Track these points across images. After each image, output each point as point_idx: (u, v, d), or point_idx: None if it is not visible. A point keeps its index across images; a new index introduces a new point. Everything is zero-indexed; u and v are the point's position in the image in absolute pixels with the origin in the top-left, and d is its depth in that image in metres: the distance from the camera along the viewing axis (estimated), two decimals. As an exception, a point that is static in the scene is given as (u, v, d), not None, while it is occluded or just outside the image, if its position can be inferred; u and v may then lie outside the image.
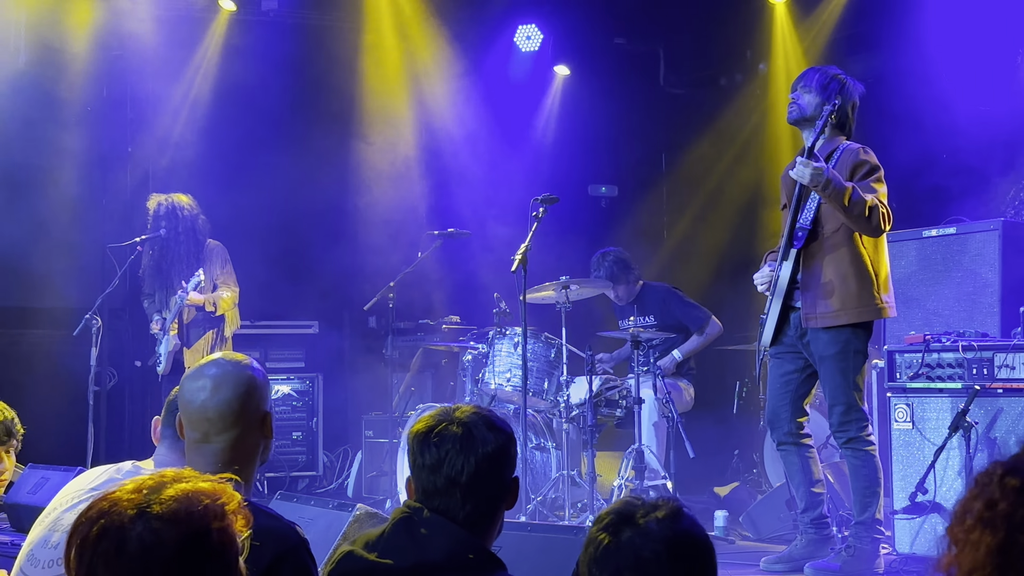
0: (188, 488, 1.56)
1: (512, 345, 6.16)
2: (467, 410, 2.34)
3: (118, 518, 1.51)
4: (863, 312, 4.72)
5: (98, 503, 1.55)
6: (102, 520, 1.52)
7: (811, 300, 4.78)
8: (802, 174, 4.65)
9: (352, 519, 4.03)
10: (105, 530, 1.50)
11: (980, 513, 1.41)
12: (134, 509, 1.51)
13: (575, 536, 3.41)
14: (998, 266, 5.18)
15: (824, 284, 4.74)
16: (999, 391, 4.77)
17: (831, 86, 4.87)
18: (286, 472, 7.97)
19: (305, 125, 8.77)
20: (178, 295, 6.77)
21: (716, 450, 7.48)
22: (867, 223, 4.64)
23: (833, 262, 4.74)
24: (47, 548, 2.70)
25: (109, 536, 1.50)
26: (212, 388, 2.41)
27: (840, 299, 4.71)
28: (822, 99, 4.85)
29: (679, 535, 1.73)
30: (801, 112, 4.90)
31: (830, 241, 4.76)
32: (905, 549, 4.95)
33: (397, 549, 2.22)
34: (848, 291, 4.71)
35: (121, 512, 1.52)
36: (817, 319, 4.75)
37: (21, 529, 6.04)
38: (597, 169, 9.49)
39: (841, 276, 4.72)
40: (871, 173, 4.74)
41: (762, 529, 5.87)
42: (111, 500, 1.54)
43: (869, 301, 4.72)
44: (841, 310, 4.71)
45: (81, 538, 1.51)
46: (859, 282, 4.71)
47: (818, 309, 4.75)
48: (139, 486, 1.56)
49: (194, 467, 2.35)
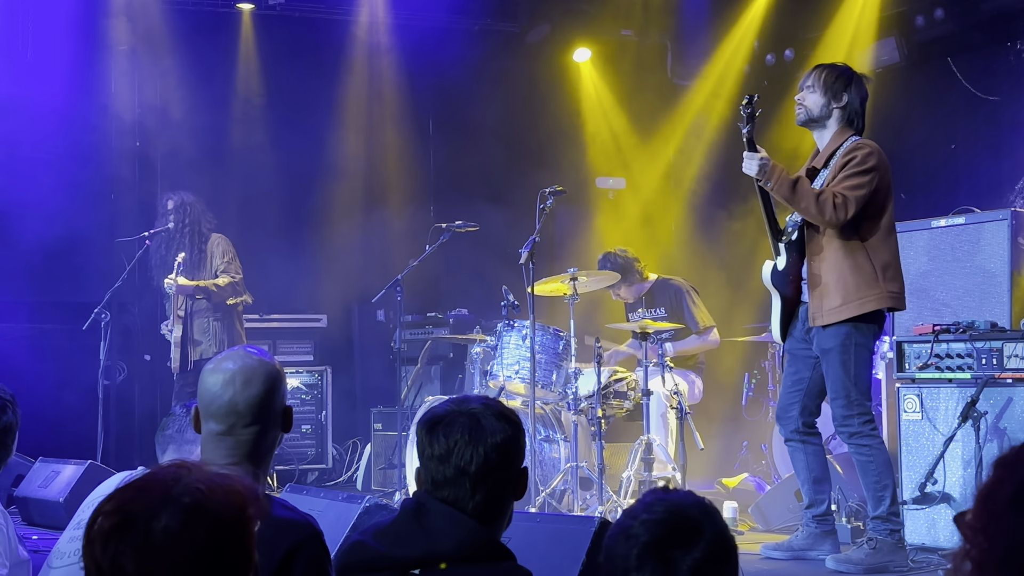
0: (212, 479, 1.56)
1: (520, 337, 6.16)
2: (476, 401, 2.34)
3: (144, 508, 1.51)
4: (864, 303, 4.67)
5: (122, 493, 1.55)
6: (128, 509, 1.51)
7: (817, 298, 4.76)
8: (749, 167, 4.67)
9: (362, 511, 4.04)
10: (132, 520, 1.50)
11: (1010, 497, 1.38)
12: (160, 499, 1.51)
13: (584, 527, 3.41)
14: (1007, 256, 5.16)
15: (826, 281, 4.72)
16: (1009, 381, 4.76)
17: (837, 84, 4.80)
18: (295, 465, 7.99)
19: (316, 120, 8.77)
20: (167, 283, 6.80)
21: (725, 442, 7.48)
22: (818, 215, 4.60)
23: (832, 258, 4.72)
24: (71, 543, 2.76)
25: (136, 526, 1.49)
26: (243, 382, 2.42)
27: (841, 294, 4.68)
28: (828, 98, 4.80)
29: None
30: (808, 114, 4.84)
31: (827, 237, 4.73)
32: (915, 539, 4.94)
33: (406, 539, 2.22)
34: (847, 285, 4.67)
35: (147, 502, 1.51)
36: (823, 315, 4.73)
37: (32, 523, 6.07)
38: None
39: (839, 271, 4.69)
40: (854, 166, 4.66)
41: (771, 520, 5.88)
42: (135, 490, 1.54)
43: (869, 292, 4.66)
44: (843, 305, 4.68)
45: (107, 527, 1.50)
46: (856, 275, 4.66)
47: (824, 306, 4.72)
48: (163, 477, 1.55)
49: (211, 459, 2.37)
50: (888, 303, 4.72)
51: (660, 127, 9.47)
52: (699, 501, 1.78)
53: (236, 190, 8.41)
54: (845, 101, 4.79)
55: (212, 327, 6.99)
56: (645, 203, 9.45)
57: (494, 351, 6.32)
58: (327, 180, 8.71)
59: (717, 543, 1.73)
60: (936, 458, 4.79)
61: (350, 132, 8.85)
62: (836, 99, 4.79)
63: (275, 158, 8.53)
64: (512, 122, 9.05)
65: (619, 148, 9.46)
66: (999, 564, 1.36)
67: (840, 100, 4.79)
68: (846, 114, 4.80)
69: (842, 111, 4.80)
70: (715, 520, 1.76)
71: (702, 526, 1.73)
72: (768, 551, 4.97)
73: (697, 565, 1.70)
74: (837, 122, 4.82)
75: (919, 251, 5.62)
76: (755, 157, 4.63)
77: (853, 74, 4.87)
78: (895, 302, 4.76)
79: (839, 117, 4.81)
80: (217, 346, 6.88)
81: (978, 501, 1.42)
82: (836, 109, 4.79)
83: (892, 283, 4.72)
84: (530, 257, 5.57)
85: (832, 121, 4.82)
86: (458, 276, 8.54)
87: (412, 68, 8.97)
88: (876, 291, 4.67)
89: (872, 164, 4.66)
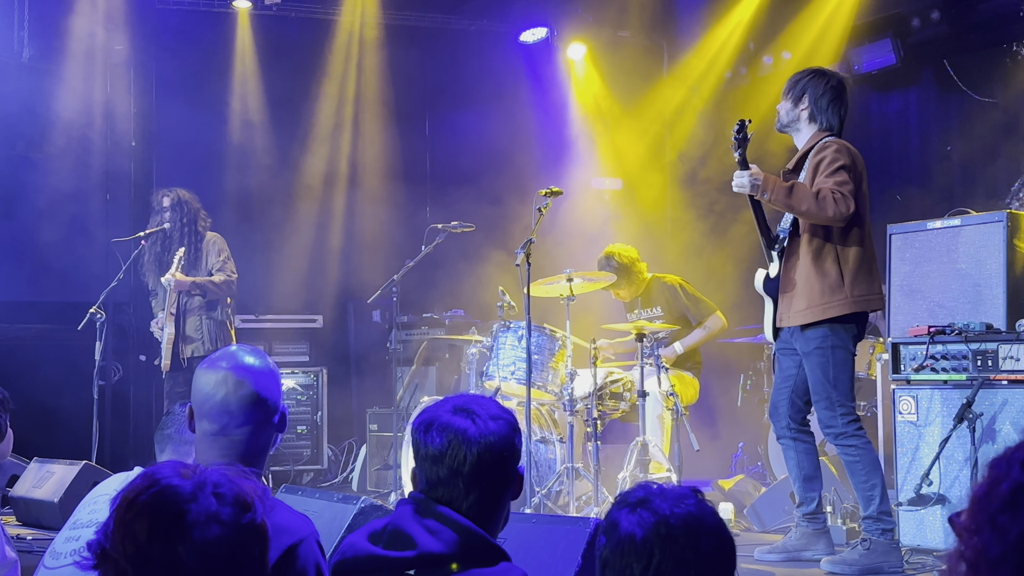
0: (236, 479, 1.56)
1: (516, 338, 6.16)
2: (471, 401, 2.34)
3: (175, 492, 1.50)
4: (828, 308, 4.72)
5: (144, 482, 1.54)
6: (159, 493, 1.50)
7: (786, 300, 4.85)
8: (740, 185, 4.72)
9: (357, 512, 4.03)
10: (163, 502, 1.49)
11: (1005, 498, 1.38)
12: (189, 486, 1.51)
13: (580, 528, 3.40)
14: (1003, 258, 5.16)
15: (792, 284, 4.82)
16: (1004, 382, 4.77)
17: (797, 88, 4.92)
18: (291, 466, 7.99)
19: (312, 120, 8.77)
20: (165, 278, 6.79)
21: (721, 443, 7.48)
22: (821, 213, 4.65)
23: (800, 262, 4.80)
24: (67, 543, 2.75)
25: (167, 508, 1.49)
26: (236, 382, 2.42)
27: (806, 298, 4.76)
28: (792, 103, 4.93)
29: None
30: (780, 121, 5.00)
31: (798, 241, 4.81)
32: (910, 541, 4.94)
33: (401, 540, 2.22)
34: (812, 290, 4.74)
35: (176, 487, 1.51)
36: (790, 317, 4.82)
37: (27, 523, 6.06)
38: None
39: (804, 275, 4.77)
40: (828, 165, 4.72)
41: (767, 521, 5.88)
42: (156, 479, 1.53)
43: (832, 298, 4.72)
44: (807, 308, 4.76)
45: (137, 509, 1.49)
46: (822, 279, 4.72)
47: (791, 309, 4.82)
48: (180, 469, 1.55)
49: (205, 459, 2.37)
50: (855, 307, 4.75)
51: (657, 128, 9.48)
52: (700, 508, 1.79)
53: (232, 190, 8.40)
54: (806, 103, 4.90)
55: (204, 325, 6.96)
56: (641, 205, 9.45)
57: (490, 352, 6.31)
58: (322, 180, 8.70)
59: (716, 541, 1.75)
60: (931, 460, 4.79)
61: (346, 133, 8.84)
62: (798, 102, 4.92)
63: (271, 158, 8.52)
64: (508, 123, 9.05)
65: (616, 149, 9.46)
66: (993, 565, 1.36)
67: (802, 103, 4.91)
68: (810, 114, 4.90)
69: (806, 112, 4.90)
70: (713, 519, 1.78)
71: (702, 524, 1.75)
72: (763, 555, 4.98)
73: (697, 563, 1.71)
74: (807, 124, 4.92)
75: (915, 253, 5.62)
76: (745, 175, 4.71)
77: (813, 74, 4.95)
78: (864, 305, 4.79)
79: (806, 119, 4.92)
80: (210, 344, 6.86)
81: (973, 502, 1.42)
82: (802, 112, 4.91)
83: (861, 285, 4.75)
84: (526, 258, 5.57)
85: (802, 124, 4.93)
86: (454, 277, 8.54)
87: (408, 68, 8.97)
88: (839, 297, 4.72)
89: (842, 162, 4.72)
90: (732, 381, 7.89)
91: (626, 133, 9.41)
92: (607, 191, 9.58)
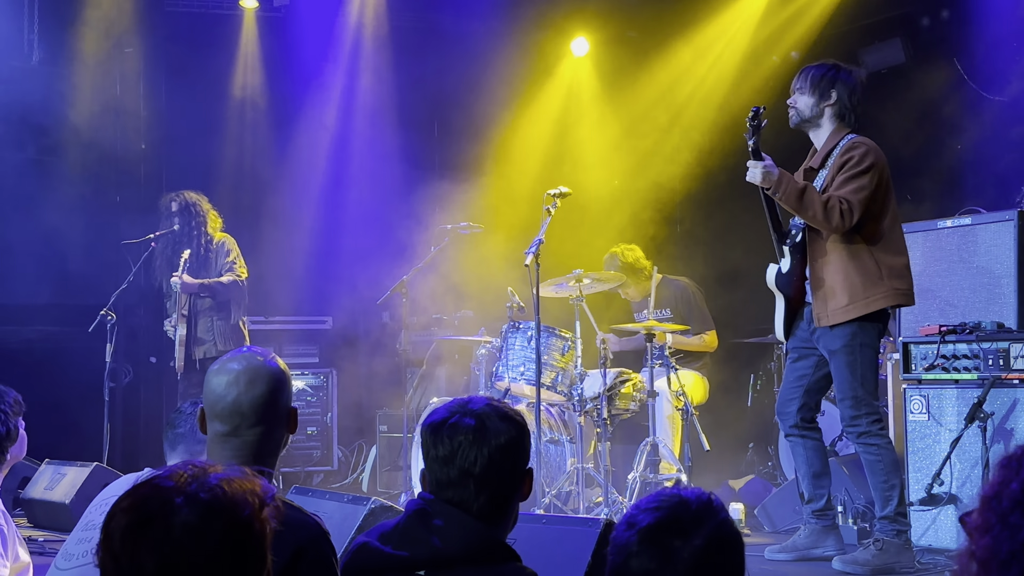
0: (230, 478, 1.56)
1: (526, 339, 6.16)
2: (480, 402, 2.34)
3: (165, 503, 1.51)
4: (871, 302, 4.67)
5: (141, 489, 1.55)
6: (147, 506, 1.51)
7: (821, 299, 4.76)
8: (753, 175, 4.67)
9: (367, 513, 4.04)
10: (151, 515, 1.50)
11: (1015, 497, 1.38)
12: (180, 495, 1.52)
13: (590, 529, 3.40)
14: (1014, 256, 5.15)
15: (830, 282, 4.73)
16: (1015, 382, 4.75)
17: (823, 82, 4.81)
18: (301, 467, 8.00)
19: (320, 122, 8.78)
20: (172, 281, 6.80)
21: (731, 443, 7.46)
22: (825, 222, 4.62)
23: (836, 259, 4.73)
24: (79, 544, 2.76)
25: (155, 522, 1.49)
26: (247, 383, 2.42)
27: (848, 294, 4.69)
28: (817, 98, 4.81)
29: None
30: (800, 115, 4.88)
31: (831, 240, 4.74)
32: (922, 540, 4.93)
33: (411, 541, 2.22)
34: (853, 285, 4.68)
35: (167, 498, 1.52)
36: (829, 316, 4.73)
37: (38, 525, 6.08)
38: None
39: (844, 272, 4.69)
40: (852, 167, 4.67)
41: (777, 521, 5.87)
42: (153, 487, 1.54)
43: (875, 290, 4.67)
44: (850, 304, 4.68)
45: (126, 523, 1.50)
46: (862, 275, 4.67)
47: (829, 307, 4.73)
48: (181, 475, 1.56)
49: (216, 460, 2.37)
50: (895, 300, 4.72)
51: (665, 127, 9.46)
52: (703, 494, 1.79)
53: (242, 192, 8.42)
54: (834, 98, 4.81)
55: (216, 326, 6.97)
56: (648, 204, 9.44)
57: (499, 353, 6.31)
58: (331, 182, 8.71)
59: (719, 533, 1.74)
60: (942, 459, 4.78)
61: (355, 134, 8.85)
62: (824, 97, 4.82)
63: (281, 160, 8.54)
64: (517, 124, 9.05)
65: (623, 149, 9.45)
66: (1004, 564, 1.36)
67: (829, 98, 4.82)
68: (837, 111, 4.82)
69: (832, 108, 4.82)
70: (717, 511, 1.76)
71: (703, 516, 1.73)
72: (773, 554, 4.97)
73: (697, 553, 1.70)
74: (830, 120, 4.84)
75: (925, 252, 5.61)
76: (758, 165, 4.64)
77: (840, 69, 4.87)
78: (903, 298, 4.76)
79: (831, 115, 4.83)
80: (221, 345, 6.87)
81: (983, 501, 1.42)
82: (826, 107, 4.82)
83: (898, 280, 4.72)
84: (535, 258, 5.57)
85: (825, 120, 4.85)
86: (463, 278, 8.54)
87: (418, 69, 8.98)
88: (882, 289, 4.67)
89: (870, 163, 4.67)
90: (742, 381, 7.88)
91: (631, 132, 9.39)
92: (614, 191, 9.56)
